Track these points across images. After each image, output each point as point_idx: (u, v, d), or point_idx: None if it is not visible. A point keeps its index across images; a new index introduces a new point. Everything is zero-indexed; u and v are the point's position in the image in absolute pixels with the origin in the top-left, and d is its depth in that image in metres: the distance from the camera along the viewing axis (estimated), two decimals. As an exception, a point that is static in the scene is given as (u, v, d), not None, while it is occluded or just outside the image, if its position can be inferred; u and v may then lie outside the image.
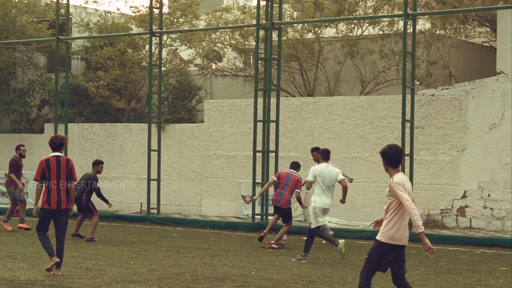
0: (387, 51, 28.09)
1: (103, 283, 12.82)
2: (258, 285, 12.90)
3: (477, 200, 23.15)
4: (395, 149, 9.88)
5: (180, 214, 27.35)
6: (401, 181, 9.75)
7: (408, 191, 9.72)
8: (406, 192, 9.66)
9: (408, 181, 9.95)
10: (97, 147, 29.95)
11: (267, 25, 24.60)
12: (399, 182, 9.74)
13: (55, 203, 13.91)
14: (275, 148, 24.63)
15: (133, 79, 32.42)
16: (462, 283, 13.77)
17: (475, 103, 23.34)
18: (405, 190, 9.68)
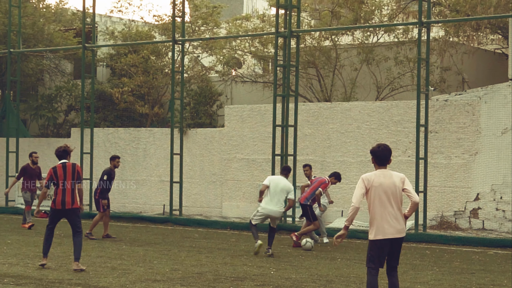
0: (402, 57, 28.03)
1: (127, 282, 12.85)
2: (277, 285, 12.89)
3: (490, 202, 23.04)
4: (382, 149, 10.16)
5: (201, 215, 27.37)
6: (366, 177, 10.01)
7: (376, 186, 9.89)
8: (364, 187, 9.91)
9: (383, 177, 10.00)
10: (121, 151, 30.01)
11: (286, 33, 24.59)
12: (363, 177, 10.01)
13: (59, 204, 14.46)
14: (293, 152, 24.61)
15: (156, 85, 32.50)
16: (476, 283, 13.70)
17: (488, 108, 23.24)
18: (366, 185, 9.92)
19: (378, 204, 9.91)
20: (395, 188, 9.93)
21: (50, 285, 12.32)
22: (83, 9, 28.79)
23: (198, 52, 33.51)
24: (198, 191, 28.23)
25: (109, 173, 20.78)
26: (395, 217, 9.90)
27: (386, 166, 10.10)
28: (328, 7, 30.23)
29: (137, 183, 29.29)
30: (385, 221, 9.86)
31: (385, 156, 10.09)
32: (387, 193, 9.90)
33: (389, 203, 9.90)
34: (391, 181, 9.94)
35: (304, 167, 20.37)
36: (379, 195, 9.91)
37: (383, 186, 9.90)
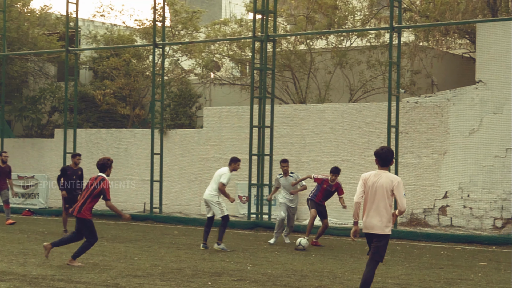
0: (374, 61, 28.10)
1: (109, 277, 12.80)
2: (254, 280, 12.89)
3: (458, 200, 23.16)
4: (385, 151, 10.53)
5: (181, 213, 27.33)
6: (363, 177, 10.50)
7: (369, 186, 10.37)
8: (362, 184, 10.42)
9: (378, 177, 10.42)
10: (103, 151, 29.91)
11: (262, 37, 24.61)
12: (362, 176, 10.53)
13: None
14: (269, 152, 24.64)
15: (137, 88, 32.41)
16: (444, 277, 13.76)
17: (456, 110, 23.36)
18: (364, 183, 10.43)
19: (368, 201, 10.38)
20: (384, 189, 10.30)
21: (34, 281, 12.24)
22: (67, 14, 28.67)
23: (178, 56, 33.45)
24: (178, 190, 28.18)
25: (62, 170, 20.81)
26: (378, 214, 10.28)
27: (388, 167, 10.54)
28: (303, 13, 30.26)
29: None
30: (369, 217, 10.34)
31: (387, 158, 10.51)
32: (376, 192, 10.33)
33: (376, 201, 10.32)
34: (382, 182, 10.34)
35: (284, 162, 19.32)
36: (370, 193, 10.37)
37: (375, 185, 10.35)
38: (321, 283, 12.63)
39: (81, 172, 20.98)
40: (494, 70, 22.81)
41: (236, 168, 17.96)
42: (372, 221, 10.30)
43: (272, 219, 24.09)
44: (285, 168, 19.05)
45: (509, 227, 22.05)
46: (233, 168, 17.85)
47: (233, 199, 17.86)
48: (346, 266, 15.10)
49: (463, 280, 13.49)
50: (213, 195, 17.60)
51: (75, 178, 20.71)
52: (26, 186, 29.37)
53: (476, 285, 12.87)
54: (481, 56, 23.29)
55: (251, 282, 12.63)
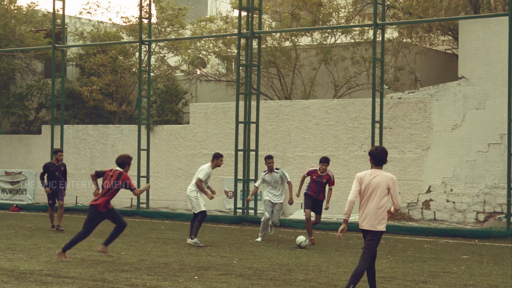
0: (358, 58, 28.14)
1: (96, 272, 12.77)
2: (240, 273, 12.89)
3: (441, 194, 23.24)
4: (379, 151, 10.66)
5: (167, 208, 27.30)
6: (359, 176, 10.59)
7: (365, 184, 10.46)
8: (358, 183, 10.50)
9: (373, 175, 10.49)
10: (90, 147, 29.85)
11: (248, 34, 24.59)
12: (357, 176, 10.61)
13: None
14: (255, 147, 24.64)
15: (124, 84, 32.33)
16: (427, 270, 13.81)
17: (439, 106, 23.43)
18: (359, 182, 10.51)
19: (364, 199, 10.49)
20: (379, 187, 10.42)
21: (22, 276, 12.20)
22: (53, 11, 28.55)
23: (164, 52, 33.38)
24: (165, 185, 28.15)
25: (44, 167, 20.74)
26: (374, 212, 10.39)
27: (382, 166, 10.62)
28: (288, 10, 30.26)
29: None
30: (365, 214, 10.45)
31: (381, 157, 10.60)
32: (372, 190, 10.43)
33: (373, 199, 10.43)
34: (378, 181, 10.45)
35: (269, 158, 18.68)
36: (366, 191, 10.46)
37: (371, 184, 10.46)
38: (306, 277, 12.65)
39: (64, 168, 20.84)
40: (476, 66, 22.90)
41: (219, 164, 17.77)
42: (367, 218, 10.41)
43: (258, 213, 24.10)
44: (271, 164, 18.53)
45: (491, 221, 22.14)
46: (215, 164, 17.71)
47: (211, 196, 17.49)
48: (331, 260, 15.13)
49: (446, 273, 13.54)
50: (192, 191, 17.59)
51: (58, 174, 20.58)
52: (14, 182, 29.26)
53: (459, 278, 12.92)
54: (464, 52, 23.37)
55: (237, 276, 12.63)
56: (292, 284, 11.89)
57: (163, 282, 11.85)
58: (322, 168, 17.89)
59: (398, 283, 12.16)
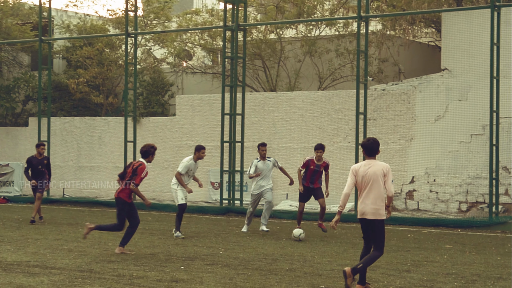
0: (342, 50, 28.16)
1: (83, 263, 12.75)
2: (226, 264, 12.91)
3: (424, 184, 23.32)
4: (371, 142, 10.78)
5: (154, 199, 27.24)
6: (353, 168, 10.76)
7: (361, 176, 10.62)
8: (353, 175, 10.67)
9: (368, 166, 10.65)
10: (77, 139, 29.76)
11: (233, 27, 24.56)
12: (352, 168, 10.79)
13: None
14: (241, 139, 24.63)
15: (111, 76, 32.23)
16: (411, 259, 13.87)
17: (422, 97, 23.49)
18: (354, 174, 10.67)
19: (361, 189, 10.66)
20: (376, 176, 10.58)
21: (9, 267, 12.17)
22: (40, 4, 28.41)
23: (150, 45, 33.29)
24: (151, 177, 28.04)
25: (27, 161, 20.35)
26: (372, 201, 10.55)
27: (375, 156, 10.76)
28: (273, 2, 30.24)
29: (93, 169, 29.08)
30: (364, 204, 10.62)
31: (374, 148, 10.75)
32: (369, 181, 10.59)
33: (370, 189, 10.58)
34: (373, 170, 10.60)
35: (263, 146, 18.13)
36: (362, 182, 10.63)
37: (366, 174, 10.61)
38: (291, 266, 12.68)
39: (47, 161, 20.44)
40: (459, 58, 22.95)
41: (201, 156, 17.52)
42: (367, 207, 10.56)
43: (244, 204, 24.10)
44: (264, 152, 18.07)
45: (473, 211, 22.24)
46: (197, 156, 17.50)
47: (190, 190, 17.39)
48: (316, 249, 15.17)
49: (429, 262, 13.60)
50: (173, 183, 17.54)
51: (41, 168, 20.18)
52: (1, 174, 29.14)
53: (442, 267, 12.98)
54: (447, 44, 23.42)
55: (223, 266, 12.64)
56: (277, 273, 11.91)
57: (150, 272, 11.85)
58: (318, 156, 17.47)
59: (382, 272, 12.21)
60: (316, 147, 17.64)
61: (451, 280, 11.58)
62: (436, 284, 11.15)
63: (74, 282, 10.95)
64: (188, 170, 17.24)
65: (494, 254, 14.87)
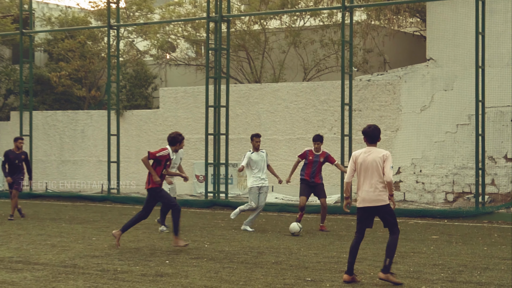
0: (327, 40, 28.15)
1: (67, 258, 12.71)
2: (211, 257, 12.90)
3: (410, 175, 23.38)
4: (373, 129, 10.81)
5: (138, 193, 27.19)
6: (354, 154, 10.87)
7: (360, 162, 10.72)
8: (353, 163, 10.81)
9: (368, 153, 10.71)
10: (60, 133, 29.65)
11: (217, 18, 24.50)
12: (353, 154, 10.90)
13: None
14: (225, 131, 24.60)
15: (93, 69, 32.12)
16: (397, 250, 13.84)
17: (407, 87, 23.53)
18: (354, 161, 10.81)
19: (361, 177, 10.75)
20: (375, 163, 10.64)
21: (-9, 263, 12.12)
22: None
23: (133, 37, 33.19)
24: (135, 170, 28.03)
25: (5, 155, 19.93)
26: (374, 189, 10.63)
27: (376, 144, 10.80)
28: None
29: (76, 163, 28.98)
30: (365, 192, 10.70)
31: (375, 135, 10.78)
32: (369, 168, 10.66)
33: (370, 177, 10.66)
34: (373, 157, 10.66)
35: (257, 137, 17.48)
36: (362, 169, 10.71)
37: (366, 162, 10.68)
38: (277, 259, 12.68)
39: (24, 156, 20.00)
40: (444, 48, 23.01)
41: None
42: (368, 195, 10.65)
43: (229, 197, 24.10)
44: (258, 143, 17.43)
45: (460, 201, 22.33)
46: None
47: (170, 181, 17.20)
48: (302, 242, 15.18)
49: (416, 253, 13.63)
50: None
51: (18, 163, 19.74)
52: None
53: (428, 258, 13.02)
54: (431, 34, 23.46)
55: (209, 260, 12.63)
56: (263, 266, 11.91)
57: (134, 267, 11.82)
58: (316, 147, 17.19)
59: (368, 264, 12.23)
60: (314, 138, 17.37)
61: (438, 271, 11.61)
62: (422, 275, 11.18)
63: (57, 277, 10.91)
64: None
65: (481, 245, 14.93)
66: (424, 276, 11.13)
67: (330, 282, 10.64)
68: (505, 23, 22.13)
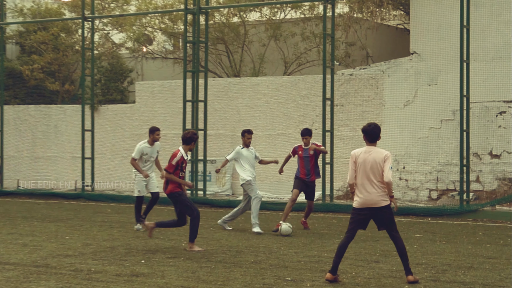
0: (308, 33, 28.18)
1: (39, 258, 12.63)
2: (188, 257, 12.86)
3: (393, 172, 23.43)
4: (373, 127, 10.74)
5: (113, 190, 27.11)
6: (353, 154, 10.74)
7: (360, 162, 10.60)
8: (353, 163, 10.68)
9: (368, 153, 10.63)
10: (32, 128, 29.49)
11: (195, 10, 24.45)
12: (352, 154, 10.76)
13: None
14: (203, 127, 24.56)
15: (67, 62, 31.99)
16: (380, 249, 13.93)
17: (391, 82, 23.59)
18: (354, 161, 10.67)
19: (360, 177, 10.64)
20: (376, 164, 10.57)
21: (-40, 263, 12.03)
22: (-9, -14, 28.08)
23: (108, 29, 33.08)
24: (110, 167, 27.95)
25: None
26: (374, 189, 10.57)
27: (376, 143, 10.74)
28: (236, -16, 30.14)
29: (49, 159, 28.84)
30: (367, 193, 10.60)
31: (375, 134, 10.71)
32: (369, 168, 10.58)
33: (370, 177, 10.58)
34: (373, 157, 10.59)
35: (249, 133, 17.13)
36: (362, 169, 10.62)
37: (366, 161, 10.60)
38: (256, 259, 12.67)
39: None
40: (428, 42, 23.09)
41: (156, 138, 17.03)
42: (371, 197, 10.57)
43: (207, 194, 24.07)
44: (249, 140, 17.12)
45: (444, 198, 22.41)
46: (152, 138, 17.12)
47: (146, 174, 17.13)
48: (282, 241, 15.17)
49: (398, 252, 13.66)
50: (132, 172, 17.33)
51: None
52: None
53: (411, 257, 13.04)
54: (415, 27, 23.53)
55: (186, 259, 12.60)
56: (242, 266, 11.90)
57: (109, 266, 11.77)
58: (305, 142, 16.97)
59: (350, 263, 12.24)
60: (302, 132, 17.15)
61: (421, 270, 11.64)
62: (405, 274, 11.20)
63: (29, 277, 10.85)
64: (142, 154, 16.91)
65: (465, 243, 15.00)
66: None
67: (311, 281, 10.64)
68: (490, 16, 22.25)
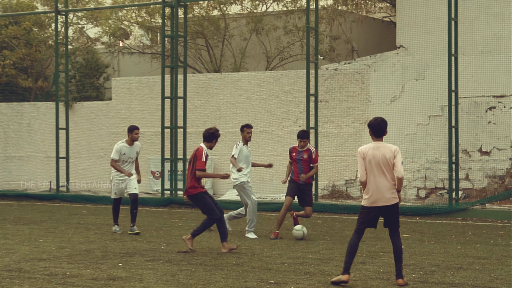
0: (291, 27, 28.21)
1: (12, 262, 12.58)
2: (168, 259, 12.85)
3: (380, 170, 23.47)
4: (379, 121, 10.80)
5: (89, 191, 27.06)
6: (361, 150, 10.69)
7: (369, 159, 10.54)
8: (362, 159, 10.60)
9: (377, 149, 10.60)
10: (4, 127, 29.36)
11: (173, 3, 24.42)
12: (360, 151, 10.70)
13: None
14: (183, 124, 24.54)
15: (40, 58, 31.88)
16: (366, 250, 13.96)
17: (377, 77, 23.65)
18: (363, 157, 10.60)
19: (371, 174, 10.60)
20: (386, 160, 10.56)
21: None
22: (-41, -21, 27.94)
23: (83, 23, 32.99)
24: (86, 166, 27.88)
25: None
26: (385, 186, 10.57)
27: (382, 138, 10.74)
28: (216, -24, 30.13)
29: (22, 159, 28.73)
30: (377, 191, 10.59)
31: (382, 129, 10.74)
32: (379, 165, 10.56)
33: (381, 174, 10.58)
34: (383, 153, 10.57)
35: (249, 128, 16.49)
36: (372, 166, 10.58)
37: (376, 158, 10.57)
38: (238, 261, 12.67)
39: None
40: (415, 35, 23.15)
41: (135, 137, 16.91)
42: (383, 194, 10.58)
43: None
44: (250, 134, 16.46)
45: (433, 197, 22.50)
46: (131, 137, 17.03)
47: (129, 173, 16.97)
48: (265, 242, 15.19)
49: (385, 253, 13.70)
50: (111, 172, 17.20)
51: None
52: None
53: (399, 258, 13.08)
54: (402, 20, 23.59)
55: (165, 262, 12.58)
56: (223, 268, 11.90)
57: (85, 270, 11.74)
58: (301, 145, 16.18)
59: (335, 265, 12.27)
60: (299, 135, 16.25)
61: (409, 271, 11.68)
62: (392, 276, 11.23)
63: (1, 282, 10.80)
64: (121, 154, 16.77)
65: (454, 243, 15.06)
66: (394, 277, 11.17)
67: (295, 284, 10.65)
68: (478, 8, 22.34)
